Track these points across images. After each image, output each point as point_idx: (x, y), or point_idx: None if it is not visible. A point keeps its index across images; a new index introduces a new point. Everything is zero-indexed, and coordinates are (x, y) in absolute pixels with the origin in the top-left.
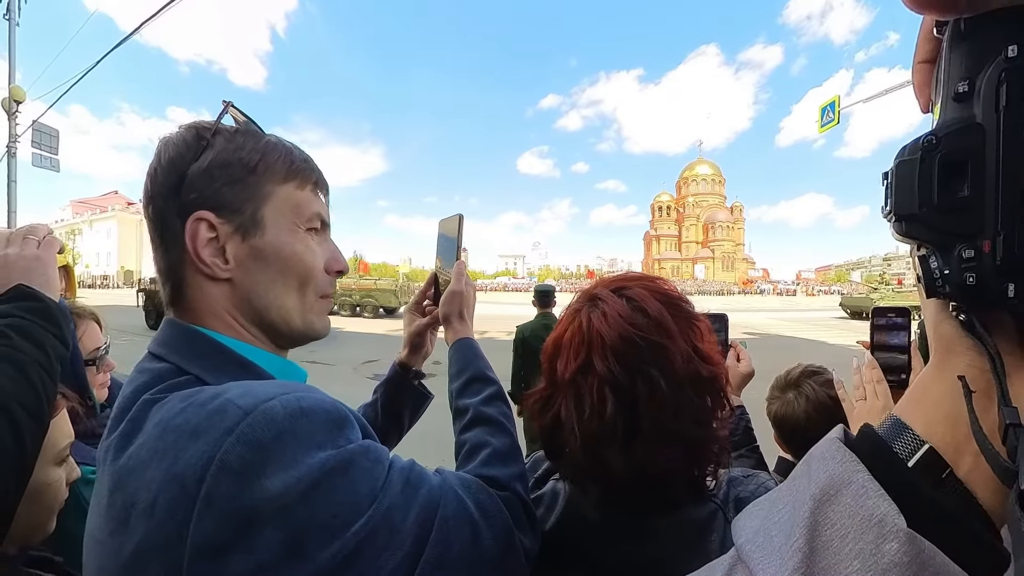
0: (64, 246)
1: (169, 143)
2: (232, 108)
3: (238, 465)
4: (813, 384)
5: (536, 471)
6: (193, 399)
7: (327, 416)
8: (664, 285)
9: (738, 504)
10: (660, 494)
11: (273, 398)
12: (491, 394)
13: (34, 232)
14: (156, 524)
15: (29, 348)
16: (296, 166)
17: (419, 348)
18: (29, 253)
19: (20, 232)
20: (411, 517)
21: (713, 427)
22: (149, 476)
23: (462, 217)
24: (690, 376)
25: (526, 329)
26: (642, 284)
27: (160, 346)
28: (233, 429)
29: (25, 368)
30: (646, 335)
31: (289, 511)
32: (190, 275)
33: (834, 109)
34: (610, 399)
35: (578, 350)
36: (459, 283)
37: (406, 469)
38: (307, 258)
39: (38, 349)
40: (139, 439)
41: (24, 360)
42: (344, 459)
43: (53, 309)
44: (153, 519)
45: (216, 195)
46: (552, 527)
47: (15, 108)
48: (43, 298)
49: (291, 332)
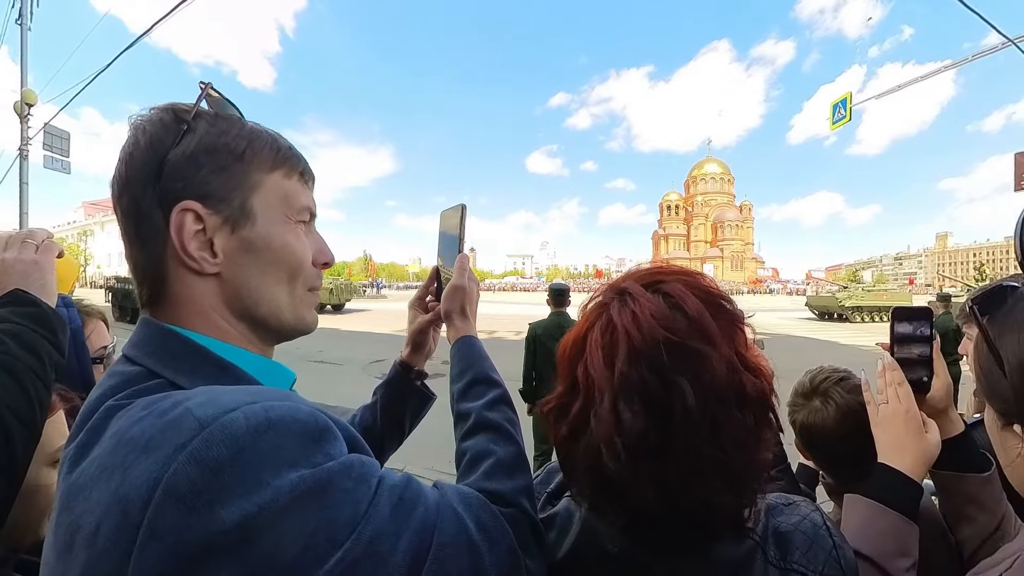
0: (64, 251)
1: (145, 125)
2: (211, 91)
3: (186, 489)
4: (841, 390)
5: (549, 484)
6: (154, 407)
7: (301, 428)
8: (704, 280)
9: (779, 540)
10: (692, 530)
11: (236, 408)
12: (495, 398)
13: (32, 236)
14: (97, 553)
15: (23, 354)
16: (283, 154)
17: (421, 347)
18: (27, 257)
19: (19, 236)
20: (402, 545)
21: (758, 452)
22: (95, 497)
23: (465, 208)
24: (734, 389)
25: (539, 327)
26: (679, 279)
27: (133, 348)
28: (186, 445)
29: (18, 374)
30: (684, 340)
31: (249, 545)
32: (174, 270)
33: (846, 106)
34: (640, 413)
35: (604, 353)
36: (461, 278)
37: (399, 487)
38: (298, 250)
39: (32, 355)
40: (94, 451)
41: (17, 366)
42: (320, 479)
43: (49, 315)
44: (95, 548)
45: (202, 184)
46: (564, 555)
47: (27, 111)
48: (39, 303)
49: (281, 327)
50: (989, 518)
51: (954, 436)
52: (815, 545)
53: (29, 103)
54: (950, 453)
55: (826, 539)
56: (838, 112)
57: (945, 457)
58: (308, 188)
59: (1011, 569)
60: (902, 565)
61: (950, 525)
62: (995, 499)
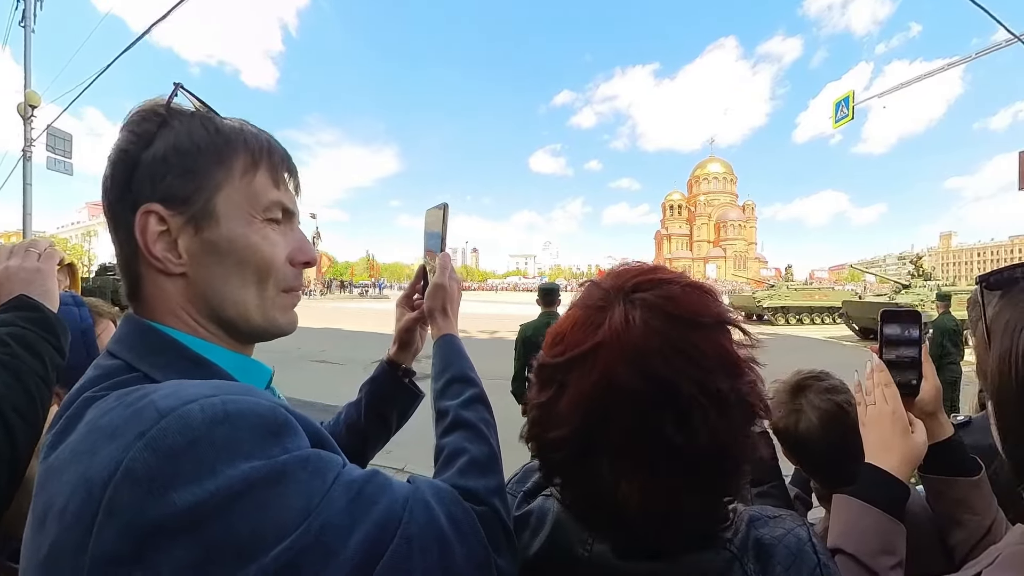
0: (66, 257)
1: (123, 130)
2: (183, 90)
3: (143, 473)
4: (815, 392)
5: (526, 483)
6: (124, 399)
7: (259, 422)
8: (693, 281)
9: (759, 552)
10: (665, 534)
11: (195, 400)
12: (471, 397)
13: (35, 245)
14: (64, 528)
15: (27, 356)
16: (252, 151)
17: (408, 344)
18: (30, 265)
19: (22, 245)
20: (356, 537)
21: (741, 450)
22: (66, 478)
23: (447, 207)
24: (722, 388)
25: (528, 328)
26: (670, 280)
27: (115, 343)
28: (145, 433)
29: (22, 375)
30: (675, 342)
31: (200, 528)
32: (145, 270)
33: (848, 104)
34: (627, 417)
35: (595, 357)
36: (442, 276)
37: (358, 482)
38: (264, 250)
39: (35, 358)
40: (70, 438)
41: (22, 367)
42: (275, 470)
43: (52, 319)
44: (63, 523)
45: (167, 186)
46: (535, 554)
47: (30, 113)
48: (42, 309)
49: (250, 328)
50: (979, 522)
51: (943, 440)
52: (799, 561)
53: (32, 105)
54: (939, 457)
55: (811, 556)
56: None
57: (935, 461)
58: (283, 186)
59: (991, 566)
60: (886, 563)
61: (941, 530)
62: (985, 503)
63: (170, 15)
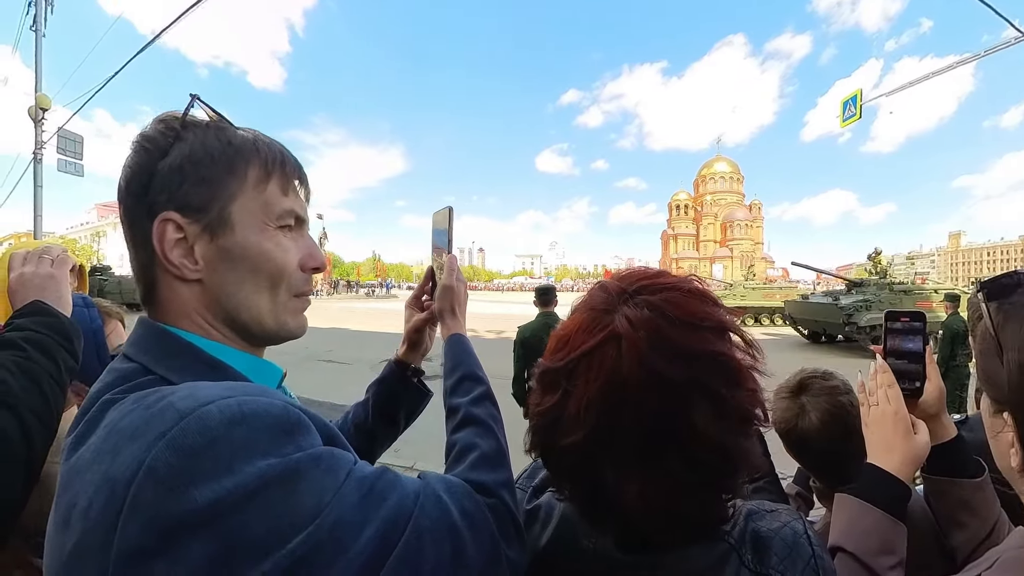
0: (78, 263)
1: (140, 139)
2: (199, 101)
3: (165, 472)
4: (817, 391)
5: (535, 478)
6: (143, 401)
7: (273, 421)
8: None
9: (756, 544)
10: (665, 531)
11: (212, 402)
12: (480, 394)
13: (48, 252)
14: (90, 526)
15: (42, 360)
16: (266, 161)
17: (417, 345)
18: (44, 271)
19: (36, 252)
20: (367, 533)
21: (742, 446)
22: (88, 478)
23: (451, 209)
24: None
25: (527, 330)
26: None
27: (131, 346)
28: (166, 433)
29: (37, 378)
30: (678, 346)
31: (219, 523)
32: (161, 276)
33: (856, 103)
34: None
35: (601, 359)
36: (450, 278)
37: (369, 479)
38: (277, 256)
39: (50, 361)
40: (91, 440)
41: (37, 371)
42: (289, 468)
43: (66, 324)
44: (88, 521)
45: (184, 194)
46: (544, 547)
47: (41, 116)
48: (57, 314)
49: (264, 332)
50: (981, 524)
51: (946, 441)
52: (794, 553)
53: (43, 108)
54: (943, 458)
55: (805, 548)
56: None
57: (938, 462)
58: (294, 193)
59: (991, 569)
60: (886, 563)
61: (943, 531)
62: (987, 505)
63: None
